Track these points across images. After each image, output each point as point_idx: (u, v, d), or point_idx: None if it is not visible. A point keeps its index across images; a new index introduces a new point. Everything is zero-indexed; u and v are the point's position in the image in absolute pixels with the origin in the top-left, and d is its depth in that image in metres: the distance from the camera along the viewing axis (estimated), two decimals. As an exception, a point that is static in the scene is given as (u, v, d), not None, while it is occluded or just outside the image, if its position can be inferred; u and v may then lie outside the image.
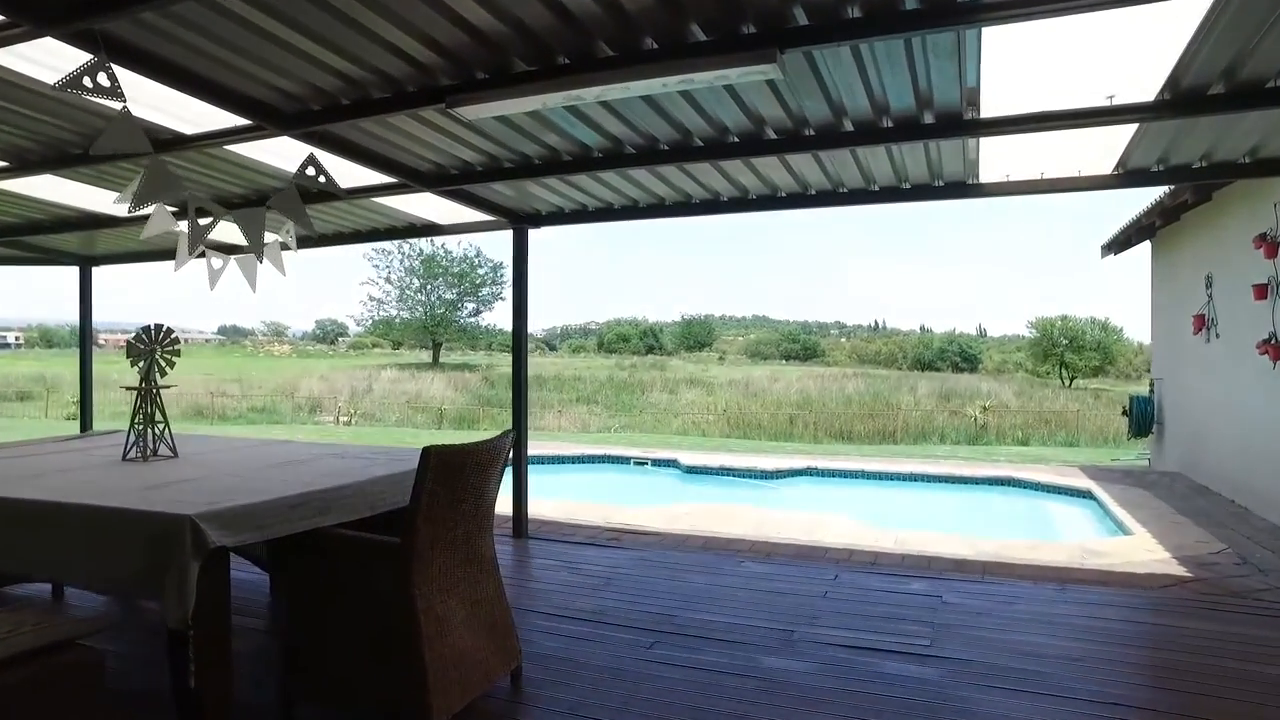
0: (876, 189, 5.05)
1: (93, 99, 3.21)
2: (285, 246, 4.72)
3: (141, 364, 3.81)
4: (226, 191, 5.48)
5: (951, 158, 4.43)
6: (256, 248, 3.91)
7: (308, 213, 4.17)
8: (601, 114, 3.87)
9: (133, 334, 3.85)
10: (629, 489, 10.93)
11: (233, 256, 4.76)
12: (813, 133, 4.05)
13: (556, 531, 6.33)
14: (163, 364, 3.89)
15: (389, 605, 2.85)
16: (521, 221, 5.94)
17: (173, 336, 3.94)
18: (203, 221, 4.12)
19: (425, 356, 52.69)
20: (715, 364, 66.75)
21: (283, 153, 4.43)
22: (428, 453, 2.77)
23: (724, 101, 3.72)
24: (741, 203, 5.42)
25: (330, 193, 5.36)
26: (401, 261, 48.33)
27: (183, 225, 4.00)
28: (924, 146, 4.23)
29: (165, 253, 7.55)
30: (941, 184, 4.94)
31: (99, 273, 8.37)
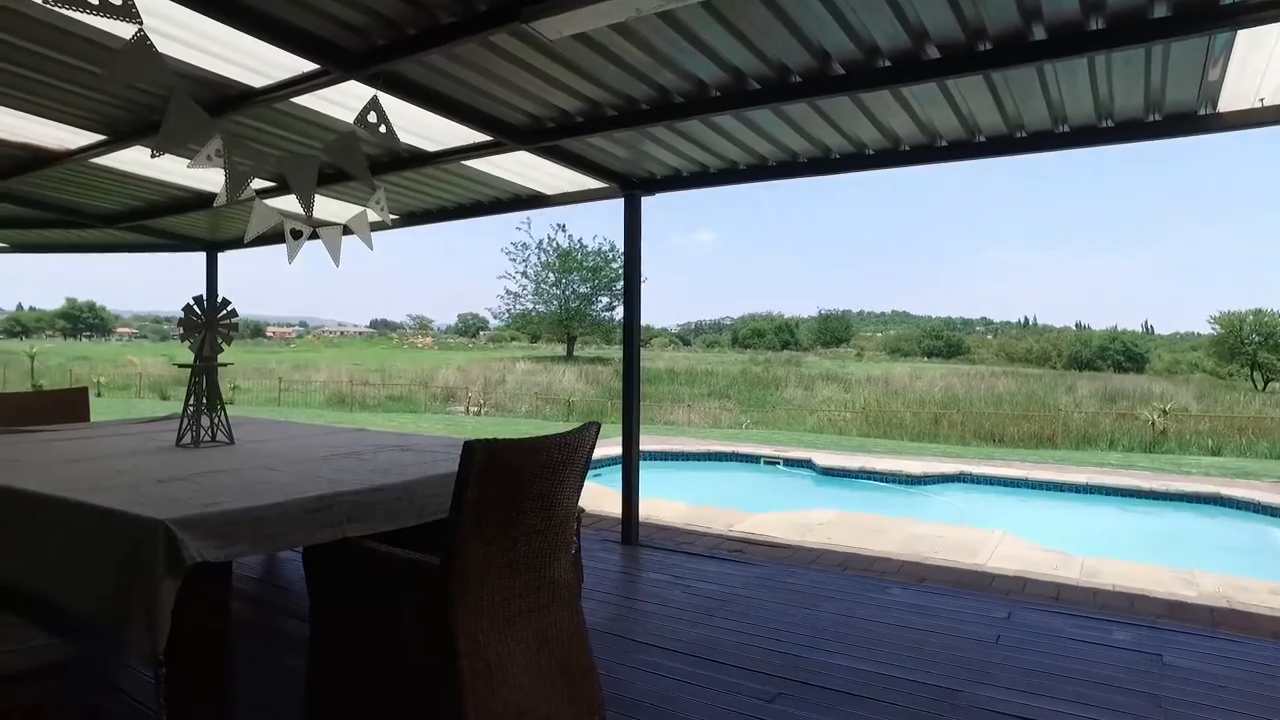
0: (1066, 130, 4.00)
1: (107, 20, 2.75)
2: (378, 226, 4.26)
3: (195, 340, 3.38)
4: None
5: (1184, 75, 3.35)
6: (306, 201, 3.40)
7: (373, 175, 3.63)
8: (712, 29, 3.09)
9: (183, 310, 3.43)
10: (757, 491, 10.08)
11: (317, 229, 4.39)
12: (989, 46, 3.12)
13: (672, 539, 5.62)
14: (219, 340, 3.46)
15: (426, 645, 2.22)
16: (634, 188, 5.24)
17: (230, 309, 3.50)
18: (263, 192, 3.64)
19: (561, 350, 53.47)
20: (853, 360, 64.34)
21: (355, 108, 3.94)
22: (471, 450, 2.11)
23: (874, 6, 2.87)
24: (891, 156, 4.49)
25: (420, 158, 4.89)
26: (538, 255, 49.21)
27: (287, 210, 3.58)
28: (1144, 60, 3.19)
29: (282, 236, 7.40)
30: (1158, 118, 3.83)
31: (265, 267, 8.39)
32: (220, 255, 8.27)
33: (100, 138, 4.80)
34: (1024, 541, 5.68)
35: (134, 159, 5.22)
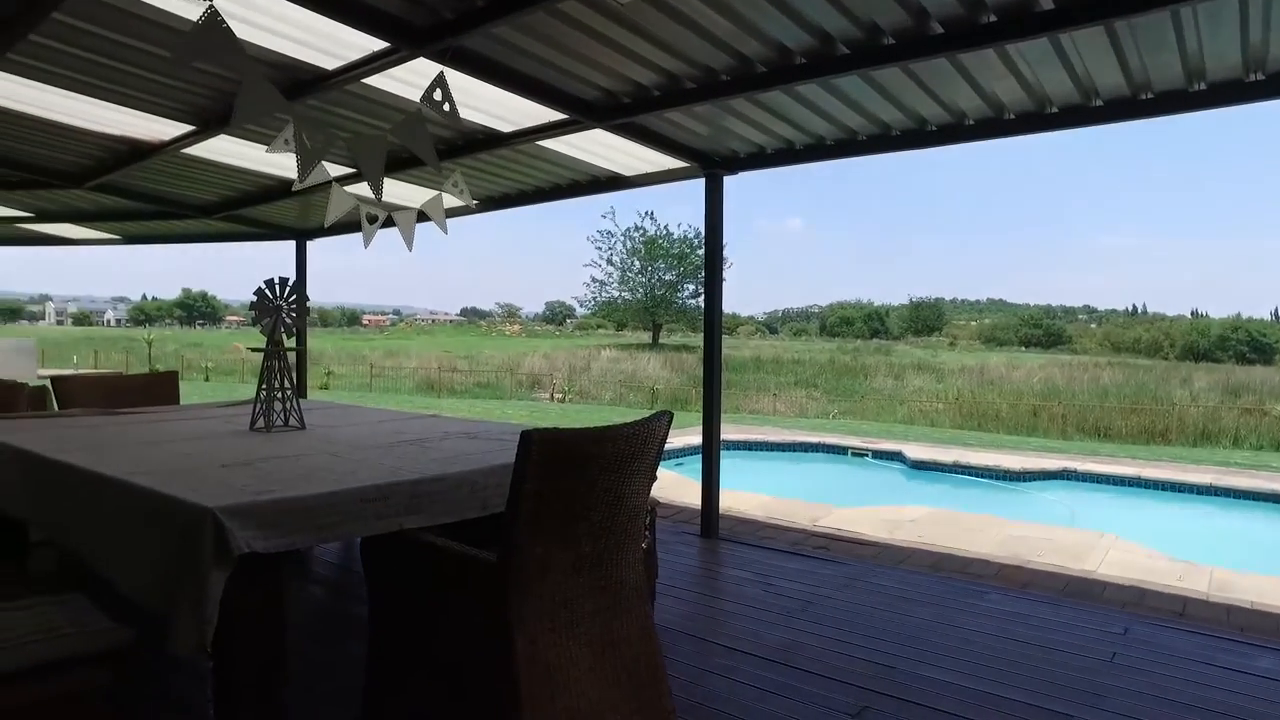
0: (1203, 88, 3.56)
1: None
2: (457, 212, 4.19)
3: (265, 323, 3.36)
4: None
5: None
6: (375, 182, 3.32)
7: (440, 155, 3.52)
8: (800, -14, 2.85)
9: (258, 294, 3.41)
10: (845, 484, 9.72)
11: (391, 212, 4.36)
12: (1115, -9, 2.76)
13: (754, 533, 5.40)
14: (289, 323, 3.43)
15: (483, 645, 2.09)
16: (715, 167, 5.02)
17: (301, 293, 3.46)
18: (338, 177, 3.59)
19: (646, 337, 53.53)
20: (945, 349, 62.20)
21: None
22: (529, 440, 1.96)
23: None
24: (993, 126, 4.12)
25: (495, 140, 4.79)
26: (624, 243, 49.29)
27: (364, 195, 3.55)
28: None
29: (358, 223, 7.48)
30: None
31: (361, 256, 8.58)
32: (309, 243, 8.45)
33: (190, 128, 4.89)
34: (1139, 547, 5.21)
35: (223, 148, 5.32)
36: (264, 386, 3.37)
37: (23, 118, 4.96)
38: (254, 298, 3.35)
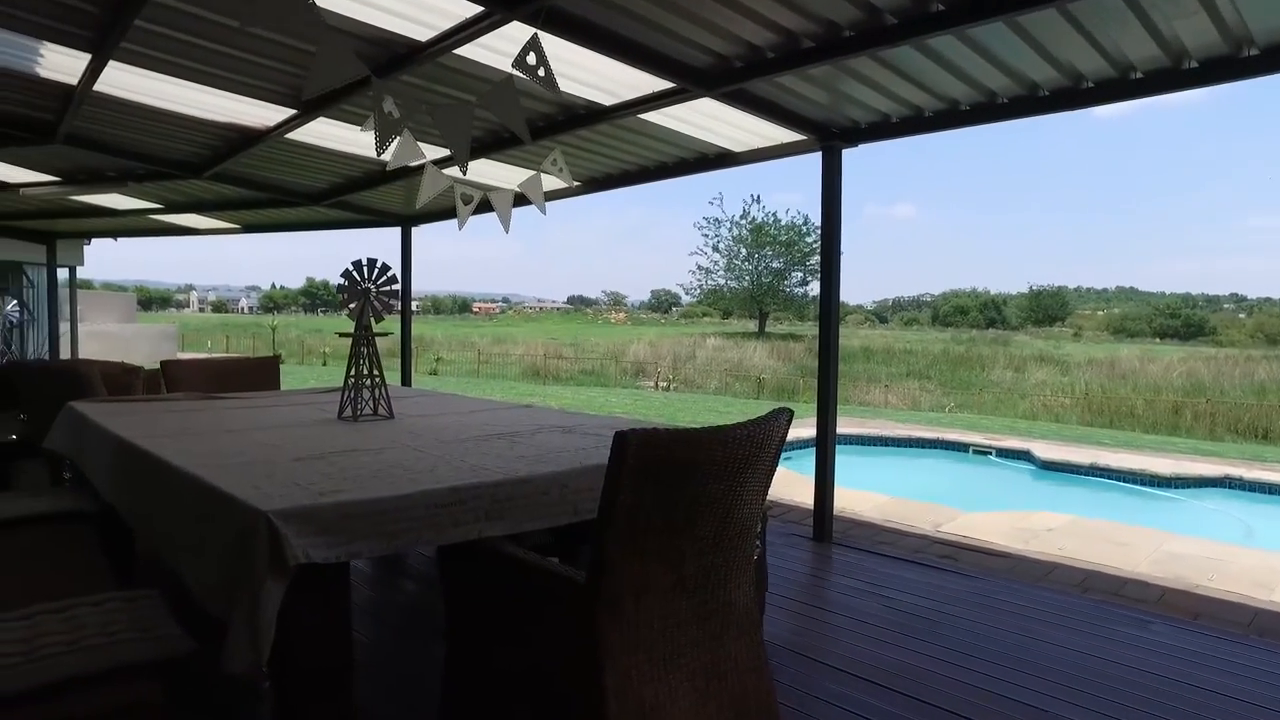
0: None
1: None
2: (558, 195, 3.97)
3: (354, 307, 3.21)
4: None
5: None
6: (460, 154, 3.10)
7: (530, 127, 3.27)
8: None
9: (343, 276, 3.26)
10: (967, 485, 9.05)
11: (486, 193, 4.18)
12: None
13: (871, 538, 4.97)
14: (378, 306, 3.26)
15: (568, 675, 1.82)
16: (832, 139, 4.59)
17: (390, 274, 3.29)
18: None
19: (752, 326, 52.78)
20: (1069, 340, 58.60)
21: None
22: (624, 442, 1.67)
23: None
24: (1169, 78, 3.53)
25: (596, 114, 4.52)
26: (730, 230, 48.65)
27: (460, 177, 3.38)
28: None
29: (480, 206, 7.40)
30: None
31: (472, 245, 8.61)
32: (415, 229, 8.47)
33: (292, 111, 4.86)
34: (1331, 571, 4.48)
35: (325, 132, 5.29)
36: (351, 373, 3.22)
37: (142, 109, 5.06)
38: (341, 280, 3.20)
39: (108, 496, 2.78)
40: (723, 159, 5.34)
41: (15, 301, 11.21)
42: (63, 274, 13.64)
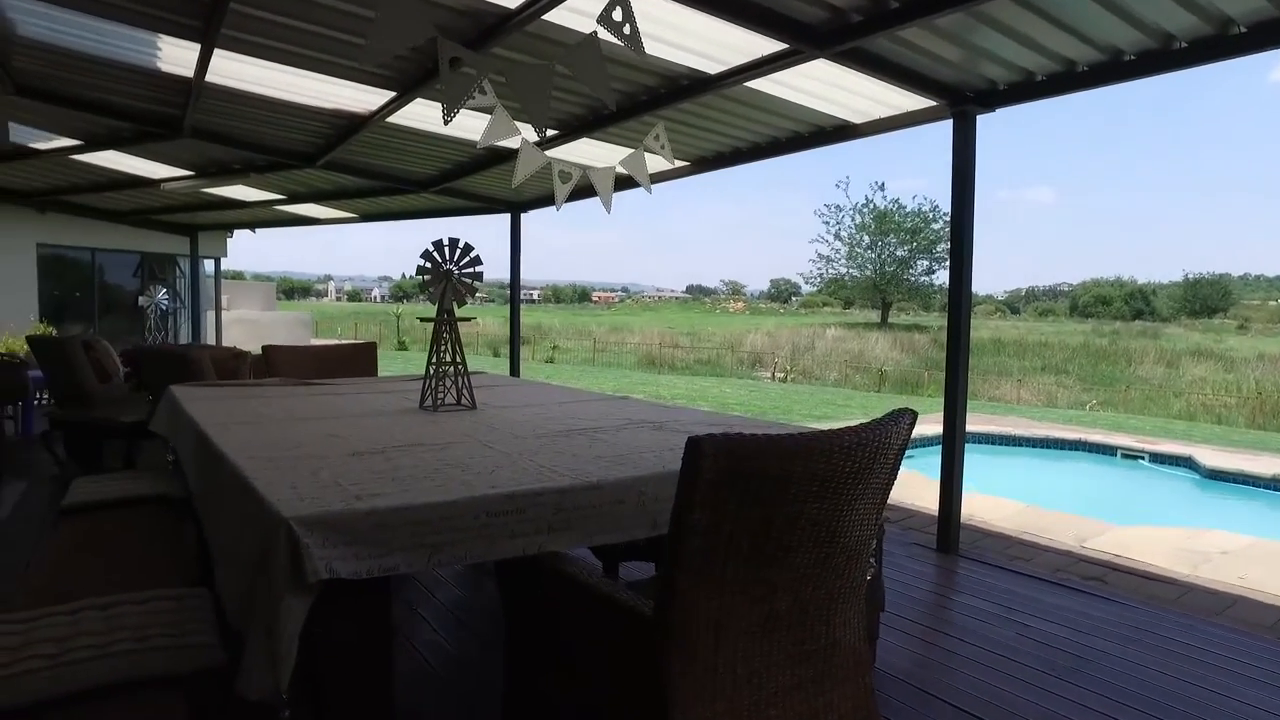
0: None
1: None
2: (666, 177, 3.70)
3: (433, 290, 3.02)
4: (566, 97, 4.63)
5: None
6: (538, 118, 2.84)
7: (611, 82, 2.99)
8: None
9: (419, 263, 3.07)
10: (1115, 494, 8.17)
11: (585, 171, 3.95)
12: None
13: (1003, 551, 4.44)
14: (460, 290, 3.07)
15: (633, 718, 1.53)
16: (965, 103, 4.07)
17: (473, 255, 3.09)
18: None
19: (874, 316, 51.00)
20: (1233, 334, 53.39)
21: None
22: (699, 451, 1.35)
23: None
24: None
25: (700, 84, 4.19)
26: (852, 217, 47.11)
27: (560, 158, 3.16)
28: None
29: (579, 191, 7.23)
30: None
31: (590, 235, 8.54)
32: (524, 215, 8.39)
33: (391, 94, 4.79)
34: None
35: (424, 115, 5.19)
36: (433, 362, 3.04)
37: (252, 98, 5.13)
38: (421, 261, 3.02)
39: (190, 482, 2.71)
40: (841, 132, 4.88)
41: (165, 290, 12.00)
42: (209, 265, 14.55)
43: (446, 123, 2.76)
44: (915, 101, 4.20)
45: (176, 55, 4.51)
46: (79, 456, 6.04)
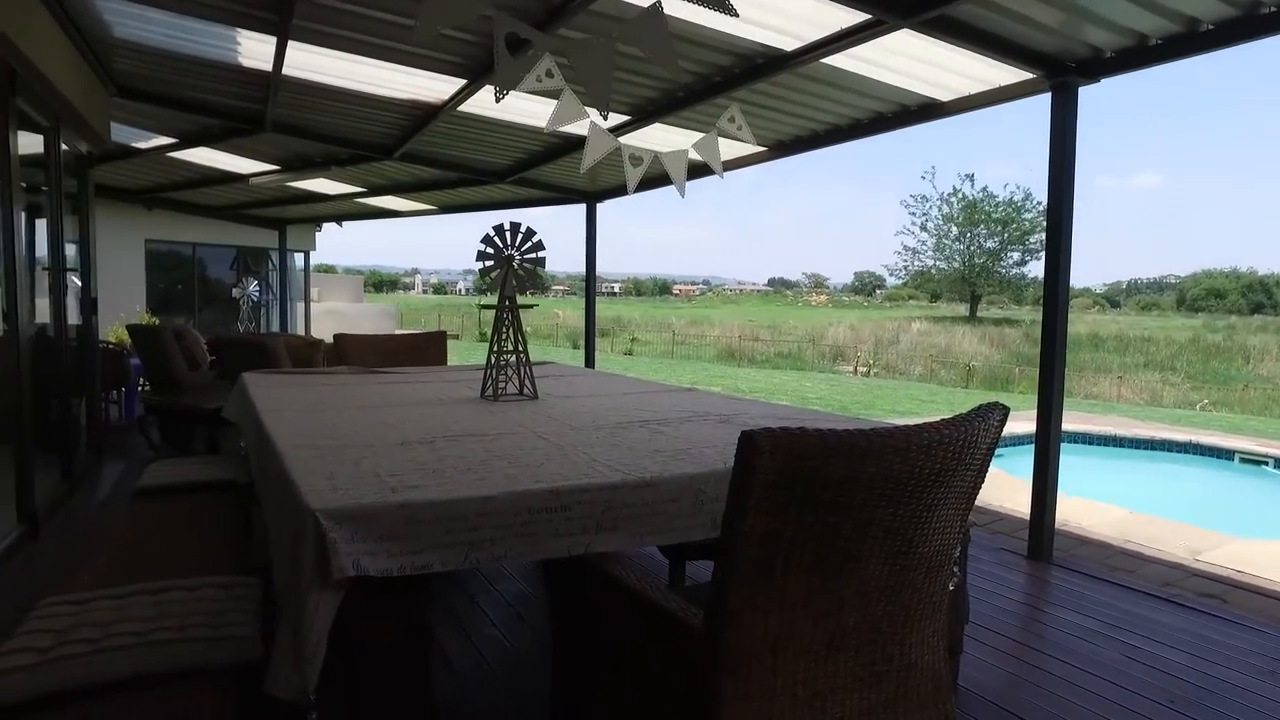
0: None
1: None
2: (738, 166, 3.56)
3: (494, 276, 2.94)
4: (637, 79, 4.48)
5: None
6: (600, 96, 2.71)
7: (676, 53, 2.84)
8: None
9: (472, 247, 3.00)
10: (1234, 502, 7.55)
11: (658, 155, 3.83)
12: None
13: (1102, 561, 4.10)
14: (522, 275, 2.97)
15: (682, 747, 1.39)
16: (1065, 73, 3.74)
17: (535, 240, 2.99)
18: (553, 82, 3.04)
19: (962, 310, 49.24)
20: (1370, 329, 49.31)
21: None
22: (753, 447, 1.20)
23: None
24: None
25: (776, 62, 3.99)
26: (939, 208, 45.53)
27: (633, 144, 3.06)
28: None
29: (653, 180, 7.11)
30: None
31: (672, 228, 8.44)
32: (599, 205, 8.31)
33: (461, 81, 4.75)
34: None
35: (500, 104, 5.14)
36: (494, 350, 2.96)
37: (328, 90, 5.18)
38: (481, 245, 2.94)
39: (252, 468, 2.71)
40: (927, 111, 4.59)
41: (256, 282, 12.48)
42: (300, 259, 15.07)
43: (498, 100, 2.67)
44: (1009, 74, 3.90)
45: (255, 49, 4.58)
46: (171, 440, 6.28)
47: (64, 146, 5.00)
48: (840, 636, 1.41)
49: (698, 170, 6.37)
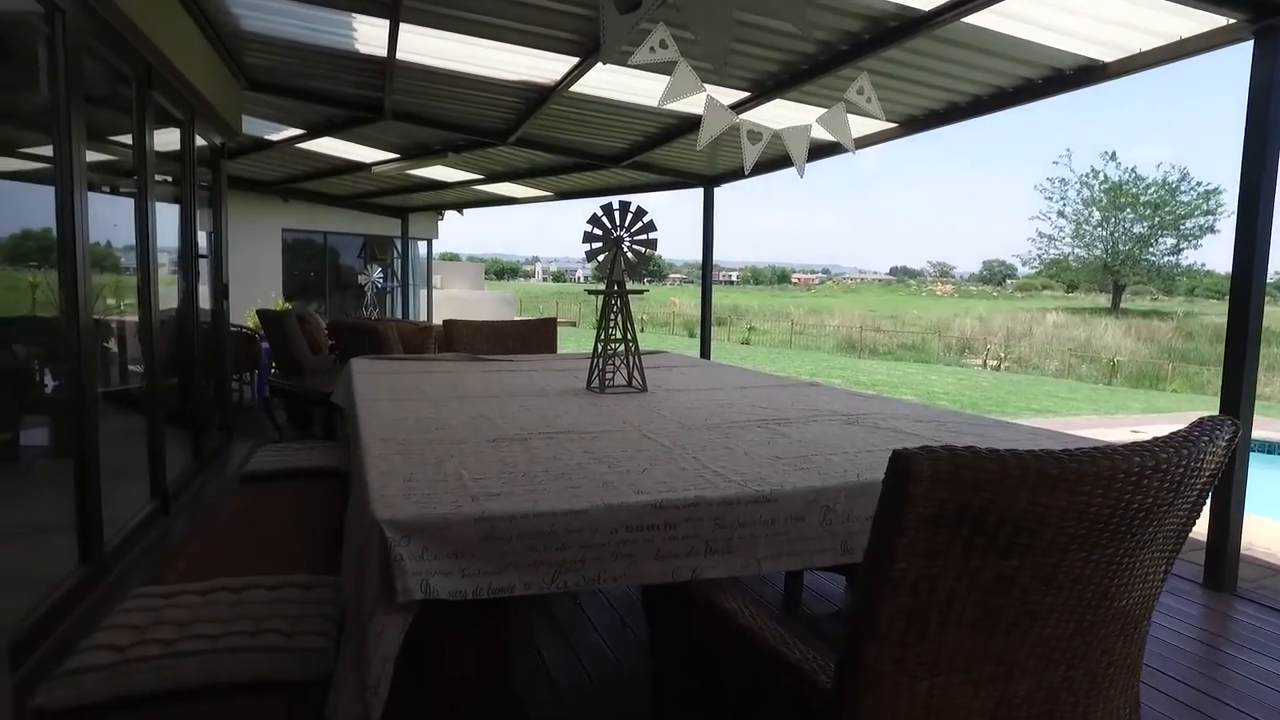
0: None
1: None
2: (869, 140, 3.26)
3: (602, 259, 2.73)
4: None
5: None
6: (717, 57, 2.44)
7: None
8: None
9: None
10: None
11: (778, 132, 3.58)
12: None
13: (1295, 591, 3.53)
14: (632, 259, 2.75)
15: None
16: (1273, 13, 3.17)
17: (646, 220, 2.76)
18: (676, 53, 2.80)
19: (1103, 300, 45.88)
20: None
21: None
22: (910, 469, 0.93)
23: None
24: None
25: (909, 25, 3.61)
26: (1079, 191, 42.44)
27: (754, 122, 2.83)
28: None
29: (772, 163, 6.78)
30: None
31: (795, 217, 8.17)
32: (717, 190, 8.03)
33: (574, 60, 4.58)
34: None
35: (606, 81, 4.96)
36: (600, 339, 2.76)
37: (441, 74, 5.14)
38: (588, 226, 2.74)
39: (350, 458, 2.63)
40: (1085, 75, 4.06)
41: (380, 270, 12.90)
42: (423, 247, 15.52)
43: (604, 62, 2.45)
44: (1195, 22, 3.36)
45: (370, 34, 4.56)
46: (296, 422, 6.48)
47: (199, 140, 5.17)
48: (1008, 709, 1.11)
49: (817, 152, 6.01)
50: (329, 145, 7.65)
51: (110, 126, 3.86)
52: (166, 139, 4.51)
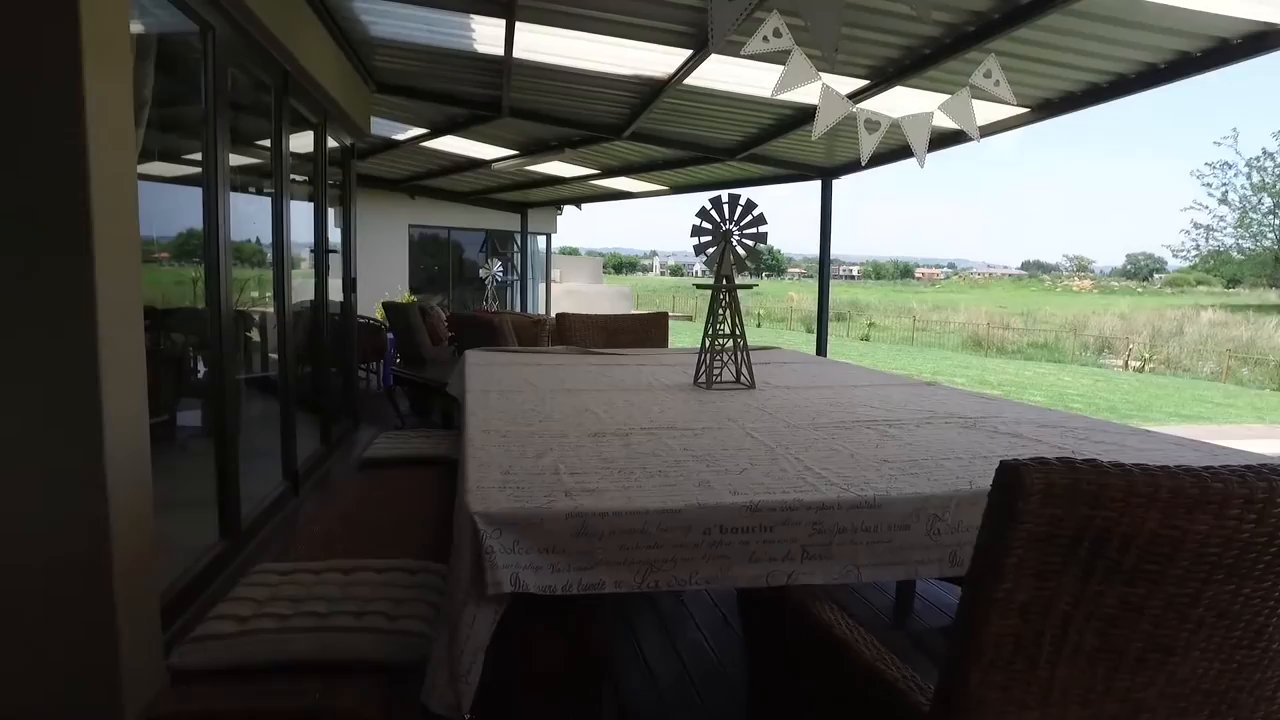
0: None
1: None
2: (995, 128, 3.11)
3: (710, 253, 2.69)
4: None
5: None
6: (827, 43, 2.34)
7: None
8: None
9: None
10: None
11: (897, 121, 3.45)
12: None
13: None
14: (741, 253, 2.70)
15: None
16: None
17: (756, 213, 2.69)
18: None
19: (1272, 297, 41.86)
20: None
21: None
22: (1020, 483, 0.85)
23: None
24: None
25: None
26: (1246, 176, 38.80)
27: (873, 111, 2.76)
28: None
29: (892, 153, 6.53)
30: None
31: (920, 211, 7.95)
32: (835, 182, 7.82)
33: (687, 52, 4.54)
34: None
35: (721, 73, 4.89)
36: (708, 334, 2.73)
37: (557, 71, 5.22)
38: (696, 219, 2.70)
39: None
40: (1256, 43, 3.67)
41: (500, 263, 13.32)
42: (543, 241, 15.90)
43: (712, 49, 2.40)
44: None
45: (488, 34, 4.68)
46: (419, 410, 6.78)
47: (330, 141, 5.46)
48: (1137, 748, 1.01)
49: (939, 142, 5.73)
50: (451, 143, 7.93)
51: (251, 131, 4.13)
52: (301, 141, 4.79)
